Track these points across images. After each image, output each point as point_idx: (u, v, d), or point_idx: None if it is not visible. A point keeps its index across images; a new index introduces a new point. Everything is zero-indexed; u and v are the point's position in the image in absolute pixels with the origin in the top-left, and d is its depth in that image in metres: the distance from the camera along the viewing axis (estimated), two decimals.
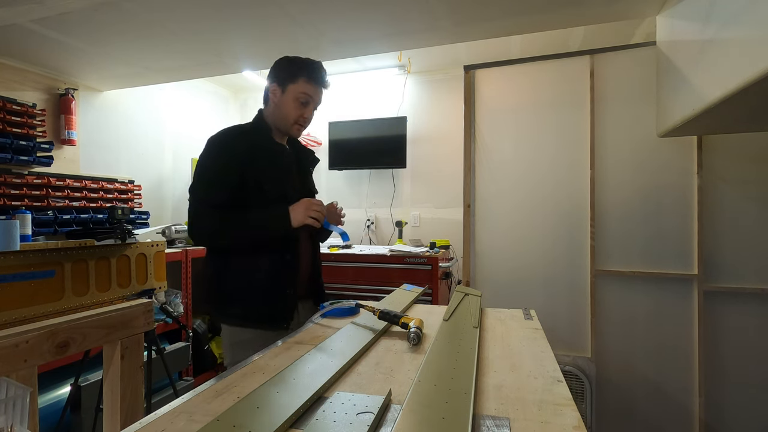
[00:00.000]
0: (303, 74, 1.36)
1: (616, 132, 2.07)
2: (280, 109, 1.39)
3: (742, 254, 1.90)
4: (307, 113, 1.40)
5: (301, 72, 1.36)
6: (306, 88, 1.37)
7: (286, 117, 1.39)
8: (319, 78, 1.39)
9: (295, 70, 1.37)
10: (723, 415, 1.91)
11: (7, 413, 0.91)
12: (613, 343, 2.06)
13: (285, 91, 1.37)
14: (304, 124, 1.43)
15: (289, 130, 1.42)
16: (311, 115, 1.42)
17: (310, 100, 1.39)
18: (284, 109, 1.38)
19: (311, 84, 1.37)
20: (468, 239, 2.30)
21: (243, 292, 1.33)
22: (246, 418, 0.59)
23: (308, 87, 1.37)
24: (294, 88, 1.36)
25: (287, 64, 1.39)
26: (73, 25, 2.03)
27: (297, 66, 1.38)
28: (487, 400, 0.69)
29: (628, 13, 1.96)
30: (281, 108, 1.38)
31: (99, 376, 1.86)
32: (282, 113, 1.39)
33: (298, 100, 1.37)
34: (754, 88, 1.12)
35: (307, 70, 1.37)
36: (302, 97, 1.37)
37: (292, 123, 1.40)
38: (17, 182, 2.28)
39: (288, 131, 1.43)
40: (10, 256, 1.42)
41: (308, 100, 1.38)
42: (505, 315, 1.26)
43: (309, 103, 1.39)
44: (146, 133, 3.27)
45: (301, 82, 1.36)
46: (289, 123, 1.40)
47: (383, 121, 3.56)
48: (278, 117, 1.40)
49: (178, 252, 2.68)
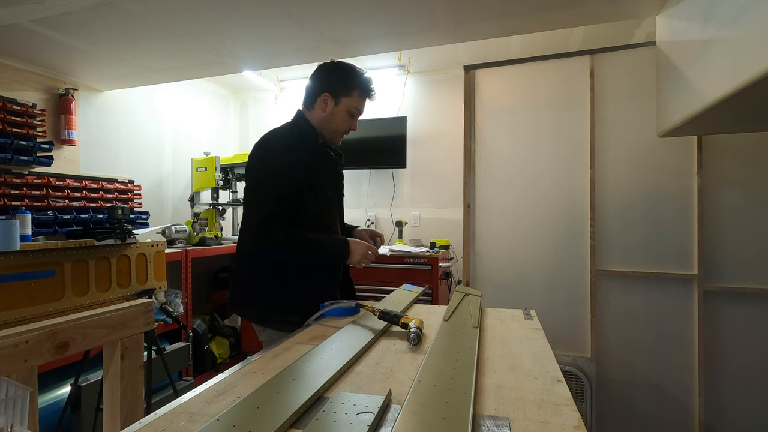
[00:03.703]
0: (358, 89, 1.39)
1: (616, 132, 2.07)
2: (330, 119, 1.41)
3: (742, 254, 1.90)
4: (354, 125, 1.44)
5: (356, 86, 1.39)
6: (359, 103, 1.40)
7: (335, 128, 1.42)
8: (372, 94, 1.42)
9: (351, 83, 1.38)
10: (723, 415, 1.91)
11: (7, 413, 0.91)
12: (613, 343, 2.06)
13: (338, 103, 1.39)
14: (347, 133, 1.47)
15: (334, 139, 1.46)
16: (356, 126, 1.46)
17: (360, 113, 1.43)
18: (336, 120, 1.40)
19: (364, 99, 1.41)
20: (468, 239, 2.30)
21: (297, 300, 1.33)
22: (246, 418, 0.59)
23: (361, 102, 1.41)
24: (348, 102, 1.39)
25: (343, 76, 1.39)
26: (73, 25, 2.03)
27: (353, 79, 1.39)
28: (487, 400, 0.69)
29: (628, 13, 1.96)
30: (332, 118, 1.40)
31: (99, 376, 1.86)
32: (332, 124, 1.41)
33: (349, 113, 1.40)
34: (754, 88, 1.12)
35: (363, 85, 1.39)
36: (355, 112, 1.41)
37: (340, 134, 1.44)
38: (17, 182, 2.28)
39: (333, 140, 1.46)
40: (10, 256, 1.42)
41: (358, 113, 1.42)
42: (505, 315, 1.26)
43: (357, 115, 1.43)
44: (146, 133, 3.27)
45: (356, 96, 1.39)
46: (338, 133, 1.44)
47: (383, 121, 3.56)
48: (326, 126, 1.42)
49: (178, 252, 2.68)
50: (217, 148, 3.93)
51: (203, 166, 3.34)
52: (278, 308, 1.34)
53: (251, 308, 1.41)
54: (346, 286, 1.54)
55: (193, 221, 3.15)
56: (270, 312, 1.36)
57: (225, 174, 3.41)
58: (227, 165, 3.41)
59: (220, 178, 3.30)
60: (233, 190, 3.49)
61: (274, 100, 4.09)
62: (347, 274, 1.55)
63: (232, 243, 3.24)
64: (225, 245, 3.13)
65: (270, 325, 1.37)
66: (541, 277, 2.18)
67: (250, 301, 1.40)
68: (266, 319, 1.38)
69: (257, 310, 1.39)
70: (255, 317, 1.40)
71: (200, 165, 3.36)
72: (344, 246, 1.34)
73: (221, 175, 3.33)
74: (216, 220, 3.33)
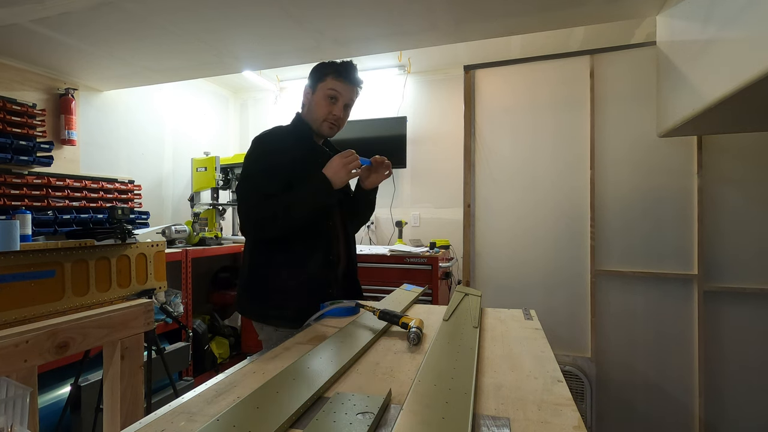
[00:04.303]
0: (331, 72, 1.41)
1: (616, 132, 2.07)
2: (311, 108, 1.45)
3: (742, 254, 1.90)
4: (336, 110, 1.43)
5: (328, 70, 1.42)
6: (333, 84, 1.41)
7: (317, 116, 1.44)
8: (345, 74, 1.42)
9: (324, 70, 1.42)
10: (723, 415, 1.91)
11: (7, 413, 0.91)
12: (613, 343, 2.06)
13: (315, 91, 1.43)
14: (336, 122, 1.45)
15: (320, 129, 1.46)
16: (342, 112, 1.44)
17: (338, 95, 1.41)
18: (314, 107, 1.44)
19: (339, 81, 1.41)
20: (468, 239, 2.30)
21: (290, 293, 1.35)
22: (246, 418, 0.59)
23: (336, 83, 1.41)
24: (322, 86, 1.42)
25: (318, 67, 1.45)
26: (73, 25, 2.03)
27: (326, 66, 1.43)
28: (487, 400, 0.69)
29: (628, 13, 1.96)
30: (312, 107, 1.44)
31: (99, 376, 1.86)
32: (314, 113, 1.44)
33: (327, 97, 1.41)
34: (754, 88, 1.12)
35: (335, 67, 1.42)
36: (330, 93, 1.41)
37: (322, 120, 1.44)
38: (17, 182, 2.28)
39: (320, 130, 1.46)
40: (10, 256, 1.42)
41: (336, 95, 1.41)
42: (505, 315, 1.26)
43: (337, 98, 1.42)
44: (146, 133, 3.27)
45: (329, 79, 1.41)
46: (320, 121, 1.44)
47: (383, 121, 3.56)
48: (311, 117, 1.46)
49: (178, 252, 2.68)
50: (217, 148, 3.93)
51: (203, 166, 3.34)
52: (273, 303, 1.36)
53: (249, 305, 1.43)
54: (353, 286, 1.54)
55: (193, 221, 3.15)
56: (265, 308, 1.38)
57: (225, 174, 3.41)
58: (227, 165, 3.41)
59: (220, 178, 3.30)
60: (233, 190, 3.49)
61: (274, 100, 4.09)
62: (354, 275, 1.55)
63: (232, 243, 3.24)
64: (225, 245, 3.13)
65: (267, 321, 1.38)
66: (541, 277, 2.18)
67: (248, 298, 1.42)
68: (262, 315, 1.39)
69: (254, 307, 1.41)
70: (253, 314, 1.42)
71: (200, 165, 3.36)
72: (320, 175, 1.31)
73: (221, 175, 3.33)
74: (216, 220, 3.33)
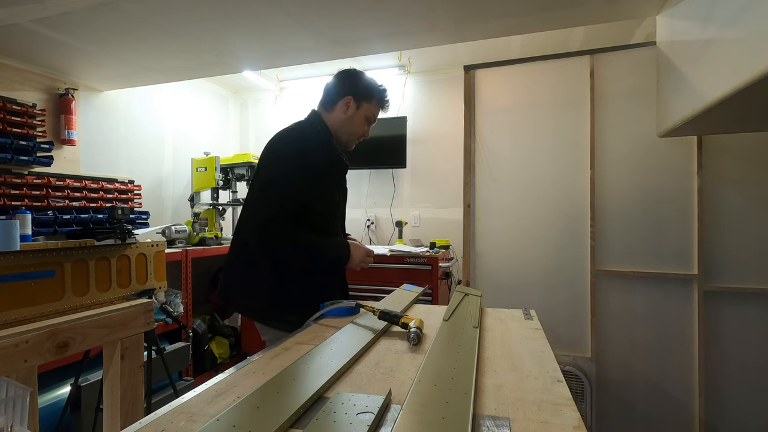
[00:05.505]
0: (378, 98, 1.48)
1: (616, 132, 2.07)
2: (350, 122, 1.46)
3: (742, 254, 1.90)
4: (368, 132, 1.52)
5: (376, 95, 1.48)
6: (376, 110, 1.50)
7: (353, 131, 1.48)
8: (386, 104, 1.51)
9: (372, 91, 1.47)
10: (723, 415, 1.91)
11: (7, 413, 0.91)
12: (613, 343, 2.06)
13: (359, 108, 1.46)
14: (360, 139, 1.53)
15: (348, 143, 1.51)
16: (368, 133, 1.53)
17: (374, 120, 1.51)
18: (355, 123, 1.47)
19: (381, 108, 1.51)
20: (468, 239, 2.30)
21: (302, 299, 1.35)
22: (246, 418, 0.59)
23: (377, 110, 1.50)
24: (368, 108, 1.47)
25: (366, 83, 1.48)
26: (73, 25, 2.03)
27: (375, 88, 1.48)
28: (487, 400, 0.69)
29: (628, 13, 1.96)
30: (352, 122, 1.46)
31: (99, 376, 1.86)
32: (350, 127, 1.47)
33: (367, 119, 1.48)
34: (754, 88, 1.12)
35: (382, 95, 1.49)
36: (371, 118, 1.49)
37: (356, 138, 1.50)
38: (17, 182, 2.28)
39: (347, 144, 1.52)
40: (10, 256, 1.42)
41: (373, 120, 1.50)
42: (505, 315, 1.26)
43: (372, 122, 1.51)
44: (146, 133, 3.27)
45: (374, 103, 1.48)
46: (354, 137, 1.50)
47: (383, 121, 3.53)
48: (344, 129, 1.47)
49: (178, 252, 2.68)
50: (217, 148, 3.93)
51: (203, 166, 3.34)
52: (280, 307, 1.35)
53: (253, 306, 1.42)
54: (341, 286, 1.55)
55: (193, 221, 3.15)
56: (271, 311, 1.37)
57: (225, 174, 3.41)
58: (227, 165, 3.41)
59: (220, 178, 3.30)
60: (233, 190, 3.49)
61: (274, 100, 4.09)
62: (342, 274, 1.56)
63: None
64: (225, 245, 3.13)
65: (273, 325, 1.38)
66: (541, 277, 2.18)
67: (252, 299, 1.41)
68: (269, 317, 1.39)
69: (260, 309, 1.40)
70: (257, 315, 1.41)
71: (200, 165, 3.36)
72: (345, 248, 1.39)
73: (221, 175, 3.33)
74: (216, 220, 3.33)
